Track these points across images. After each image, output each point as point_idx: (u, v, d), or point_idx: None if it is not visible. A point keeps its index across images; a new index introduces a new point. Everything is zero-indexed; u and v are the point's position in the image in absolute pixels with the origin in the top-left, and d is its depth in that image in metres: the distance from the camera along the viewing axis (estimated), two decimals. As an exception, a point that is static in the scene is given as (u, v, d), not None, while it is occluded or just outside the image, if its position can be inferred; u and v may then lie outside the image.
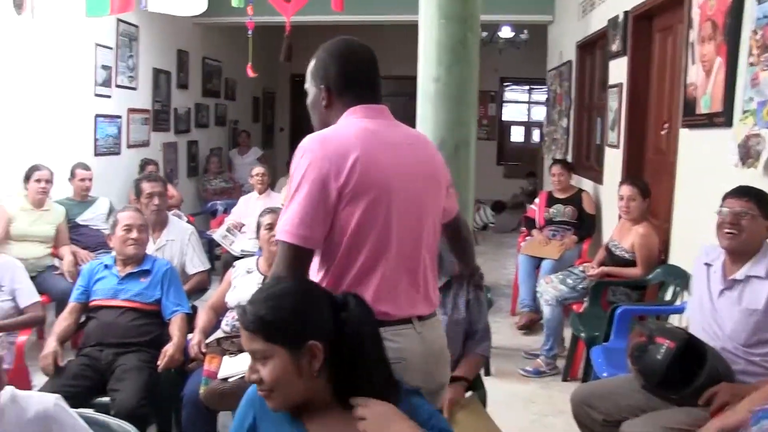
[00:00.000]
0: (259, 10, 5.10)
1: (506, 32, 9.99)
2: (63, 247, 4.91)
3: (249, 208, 6.17)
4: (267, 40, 7.81)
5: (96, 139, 6.47)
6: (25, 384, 3.53)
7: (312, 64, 1.97)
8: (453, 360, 2.68)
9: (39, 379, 3.30)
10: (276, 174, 10.00)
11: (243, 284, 3.37)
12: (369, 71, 1.95)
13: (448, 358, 2.02)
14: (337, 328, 1.57)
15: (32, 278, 4.41)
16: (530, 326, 5.35)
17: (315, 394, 1.58)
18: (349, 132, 1.81)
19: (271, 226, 3.34)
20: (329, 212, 1.75)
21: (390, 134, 1.88)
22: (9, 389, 1.80)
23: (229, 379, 2.85)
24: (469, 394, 2.74)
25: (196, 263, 4.13)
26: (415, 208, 1.87)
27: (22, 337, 3.49)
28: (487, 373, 4.39)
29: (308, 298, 1.60)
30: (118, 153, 6.91)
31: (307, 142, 1.79)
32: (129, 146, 7.14)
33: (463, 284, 2.76)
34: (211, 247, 6.76)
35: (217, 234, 5.97)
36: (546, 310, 4.55)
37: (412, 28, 3.49)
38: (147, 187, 4.12)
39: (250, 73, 5.21)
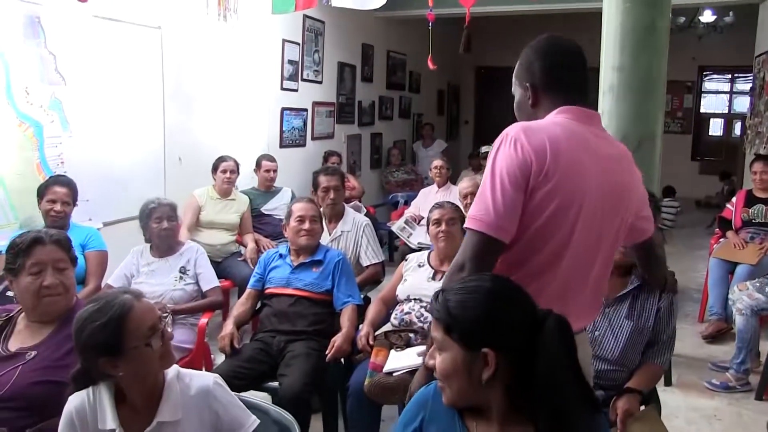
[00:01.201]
0: (440, 1, 5.05)
1: (707, 16, 9.29)
2: (247, 235, 5.16)
3: (428, 200, 6.16)
4: (451, 32, 7.76)
5: (282, 131, 6.75)
6: (207, 361, 3.78)
7: (517, 65, 1.90)
8: (629, 370, 2.50)
9: (220, 357, 3.48)
10: (459, 166, 9.97)
11: (413, 277, 3.36)
12: (576, 67, 1.86)
13: (591, 374, 1.88)
14: (529, 345, 1.43)
15: (218, 263, 4.70)
16: (717, 335, 4.93)
17: (489, 402, 1.50)
18: (556, 128, 1.72)
19: (438, 222, 3.31)
20: (522, 204, 1.67)
21: (597, 143, 1.78)
22: (175, 367, 1.92)
23: (394, 374, 2.84)
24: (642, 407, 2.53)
25: (371, 255, 4.16)
26: (599, 225, 1.77)
27: (204, 320, 3.70)
28: (668, 383, 4.10)
29: (503, 304, 1.47)
30: (303, 145, 7.18)
31: (513, 130, 1.70)
32: (314, 138, 7.38)
33: (655, 290, 2.55)
34: (390, 238, 6.85)
35: (396, 226, 6.02)
36: (739, 320, 4.15)
37: (598, 17, 3.28)
38: (323, 180, 4.21)
39: (431, 66, 5.19)
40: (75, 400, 1.88)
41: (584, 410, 1.49)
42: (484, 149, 7.40)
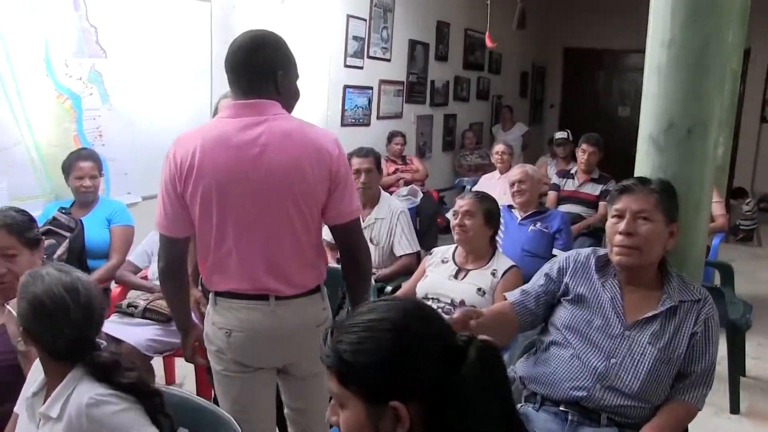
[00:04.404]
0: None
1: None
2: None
3: (489, 187, 5.83)
4: (534, 10, 7.30)
5: (344, 110, 6.52)
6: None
7: None
8: (653, 406, 2.09)
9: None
10: (542, 152, 9.52)
11: (435, 274, 3.08)
12: (237, 64, 2.04)
13: (300, 341, 2.08)
14: (447, 385, 1.14)
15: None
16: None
17: None
18: (196, 135, 2.00)
19: (455, 213, 3.10)
20: (183, 205, 2.02)
21: (238, 136, 1.97)
22: (84, 369, 1.72)
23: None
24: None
25: (404, 245, 3.89)
26: (254, 201, 1.97)
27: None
28: (735, 411, 3.65)
29: (407, 342, 1.16)
30: (367, 124, 6.94)
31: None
32: (379, 117, 7.13)
33: (692, 312, 2.09)
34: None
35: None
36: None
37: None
38: (355, 162, 3.90)
39: (489, 43, 4.86)
40: None
41: None
42: (558, 135, 6.97)
